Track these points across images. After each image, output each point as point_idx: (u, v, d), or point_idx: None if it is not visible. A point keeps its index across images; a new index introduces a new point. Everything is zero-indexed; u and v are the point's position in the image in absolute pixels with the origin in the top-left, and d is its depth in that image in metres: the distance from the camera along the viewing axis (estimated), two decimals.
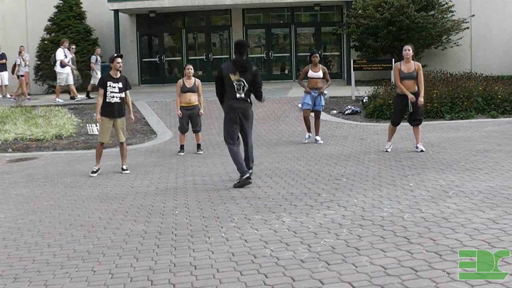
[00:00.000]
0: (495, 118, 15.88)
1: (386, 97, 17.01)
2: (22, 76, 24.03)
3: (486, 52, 25.37)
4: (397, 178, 9.07)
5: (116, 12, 25.65)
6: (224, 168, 11.13)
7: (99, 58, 23.47)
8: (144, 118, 18.66)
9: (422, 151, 11.38)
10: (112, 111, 11.14)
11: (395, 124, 11.81)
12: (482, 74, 19.71)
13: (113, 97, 11.10)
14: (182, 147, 13.48)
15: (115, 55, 11.52)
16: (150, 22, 27.84)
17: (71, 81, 22.40)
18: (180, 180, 10.33)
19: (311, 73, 13.69)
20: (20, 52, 24.31)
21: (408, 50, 11.43)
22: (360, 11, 23.79)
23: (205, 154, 13.07)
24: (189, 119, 13.43)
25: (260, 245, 6.08)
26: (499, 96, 16.72)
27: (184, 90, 13.24)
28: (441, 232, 6.06)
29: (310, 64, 13.83)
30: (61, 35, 25.67)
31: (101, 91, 11.17)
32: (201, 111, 13.41)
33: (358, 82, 22.28)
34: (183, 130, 13.49)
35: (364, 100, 18.38)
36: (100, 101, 11.21)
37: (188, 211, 7.90)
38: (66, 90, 22.92)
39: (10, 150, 15.26)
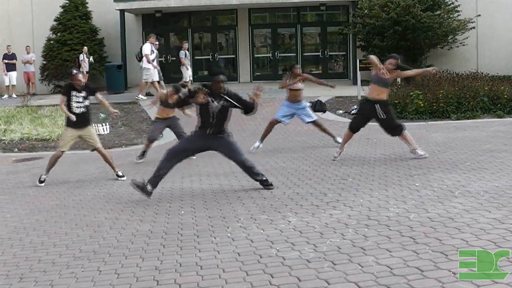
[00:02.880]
0: (501, 118, 15.84)
1: (392, 97, 16.98)
2: (87, 72, 24.32)
3: (492, 52, 25.31)
4: (403, 178, 9.05)
5: (122, 12, 25.68)
6: (230, 167, 11.12)
7: (187, 53, 23.39)
8: (150, 118, 18.65)
9: (426, 157, 10.62)
10: (76, 122, 10.57)
11: (352, 130, 11.04)
12: (488, 74, 19.69)
13: (78, 107, 10.56)
14: (144, 153, 12.68)
15: (74, 72, 10.79)
16: (156, 22, 27.82)
17: (157, 77, 22.21)
18: (186, 180, 10.34)
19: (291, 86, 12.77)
20: (82, 50, 24.73)
21: (393, 66, 10.67)
22: (366, 11, 23.76)
23: (210, 154, 13.05)
24: (170, 129, 12.76)
25: (266, 245, 6.08)
26: (505, 96, 16.69)
27: (167, 105, 12.35)
28: (447, 232, 6.05)
29: (290, 75, 12.86)
30: (67, 34, 25.77)
31: (64, 98, 10.64)
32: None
33: (364, 82, 22.22)
34: (154, 137, 12.74)
35: None
36: (63, 108, 10.64)
37: (194, 211, 7.91)
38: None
39: (16, 150, 15.30)
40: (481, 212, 6.76)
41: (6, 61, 25.10)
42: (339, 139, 12.55)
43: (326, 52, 27.66)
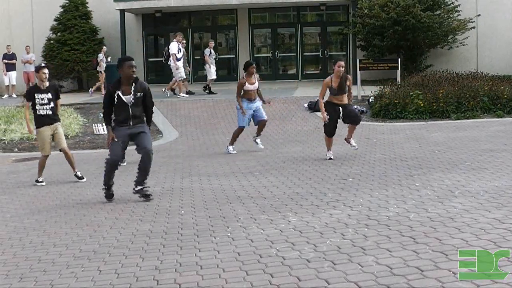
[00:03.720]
0: (501, 117, 15.84)
1: (392, 96, 17.01)
2: (104, 72, 24.26)
3: (492, 52, 25.30)
4: (403, 178, 9.05)
5: (122, 11, 25.68)
6: (229, 167, 11.13)
7: (212, 51, 23.31)
8: None
9: (356, 148, 11.66)
10: (45, 121, 10.60)
11: (330, 135, 11.38)
12: (488, 73, 19.67)
13: (43, 109, 10.52)
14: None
15: (41, 65, 10.91)
16: (156, 22, 27.85)
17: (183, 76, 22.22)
18: (186, 180, 10.33)
19: (248, 86, 12.72)
20: (101, 49, 24.77)
21: (343, 67, 11.23)
22: (366, 11, 23.76)
23: (210, 154, 13.08)
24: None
25: (266, 245, 6.08)
26: (505, 96, 16.67)
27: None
28: (447, 231, 6.05)
29: (245, 75, 12.85)
30: (67, 34, 25.77)
31: (28, 104, 10.73)
32: None
33: (364, 82, 22.27)
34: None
35: (370, 100, 18.37)
36: (27, 114, 10.84)
37: (194, 211, 7.91)
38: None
39: (16, 149, 15.30)
40: (481, 212, 6.75)
41: (6, 61, 25.12)
42: (259, 141, 13.06)
43: (326, 52, 27.67)
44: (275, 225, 6.86)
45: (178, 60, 21.68)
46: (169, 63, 22.13)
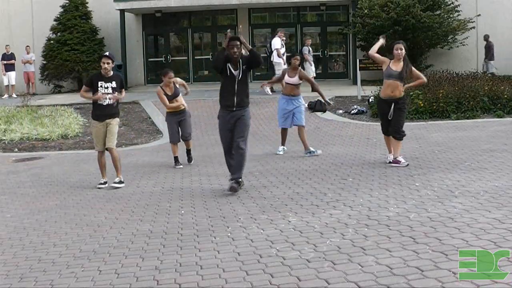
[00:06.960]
0: (501, 117, 15.83)
1: None
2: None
3: None
4: (403, 178, 9.05)
5: (122, 12, 25.68)
6: None
7: (310, 49, 23.15)
8: (150, 118, 18.68)
9: (390, 162, 10.31)
10: (100, 114, 10.04)
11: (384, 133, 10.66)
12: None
13: (106, 98, 9.96)
14: (176, 158, 11.87)
15: (106, 53, 10.41)
16: (156, 22, 27.83)
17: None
18: (186, 179, 10.33)
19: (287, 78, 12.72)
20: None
21: (401, 50, 10.69)
22: (366, 11, 23.75)
23: (210, 154, 13.07)
24: (179, 125, 12.03)
25: (266, 245, 6.08)
26: (505, 96, 16.66)
27: (169, 98, 11.82)
28: (447, 232, 6.05)
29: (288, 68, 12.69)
30: (67, 34, 25.75)
31: (86, 88, 10.18)
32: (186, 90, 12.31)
33: (364, 82, 22.23)
34: (174, 139, 11.99)
35: (370, 100, 18.37)
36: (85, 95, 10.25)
37: (194, 211, 7.91)
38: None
39: (16, 149, 15.30)
40: (481, 212, 6.75)
41: (5, 62, 25.12)
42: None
43: (326, 52, 27.65)
44: (275, 225, 6.86)
45: (280, 56, 21.55)
46: (271, 59, 22.05)
